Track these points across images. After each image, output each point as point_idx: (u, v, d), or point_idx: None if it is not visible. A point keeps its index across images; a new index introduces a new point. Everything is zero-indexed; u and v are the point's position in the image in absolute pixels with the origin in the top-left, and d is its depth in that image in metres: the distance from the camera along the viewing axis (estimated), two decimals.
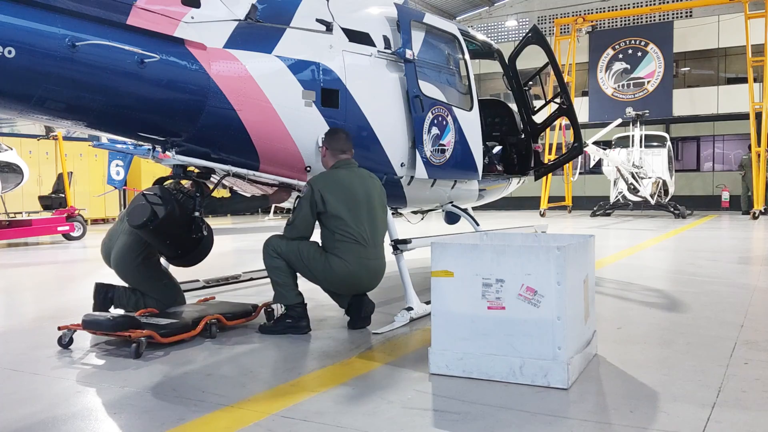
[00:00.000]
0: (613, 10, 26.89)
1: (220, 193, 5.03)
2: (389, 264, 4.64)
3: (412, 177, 5.29)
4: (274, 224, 17.43)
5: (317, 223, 4.40)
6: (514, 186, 7.55)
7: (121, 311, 4.63)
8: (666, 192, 18.77)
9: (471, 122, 5.84)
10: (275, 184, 4.87)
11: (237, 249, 11.02)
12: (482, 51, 6.98)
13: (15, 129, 19.24)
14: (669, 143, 19.08)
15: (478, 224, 6.25)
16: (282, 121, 4.39)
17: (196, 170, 4.69)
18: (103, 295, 4.74)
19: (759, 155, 17.87)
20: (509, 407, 2.81)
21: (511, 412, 2.75)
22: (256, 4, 4.39)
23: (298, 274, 4.43)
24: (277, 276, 4.35)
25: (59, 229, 12.50)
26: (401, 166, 5.19)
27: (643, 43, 24.39)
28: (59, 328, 4.03)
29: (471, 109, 5.91)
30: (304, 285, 4.45)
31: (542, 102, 7.11)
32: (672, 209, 18.07)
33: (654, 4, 27.27)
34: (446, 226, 7.23)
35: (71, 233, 12.72)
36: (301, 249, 4.34)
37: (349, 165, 4.49)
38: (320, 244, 4.39)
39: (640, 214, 19.77)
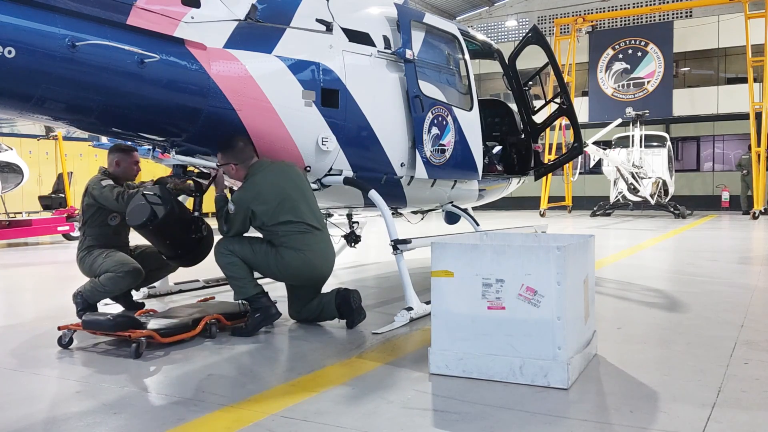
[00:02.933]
0: (613, 10, 26.90)
1: None
2: (389, 264, 4.64)
3: (412, 177, 5.29)
4: None
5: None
6: (514, 186, 7.56)
7: (120, 310, 4.63)
8: (666, 192, 18.77)
9: (471, 122, 5.84)
10: None
11: None
12: (482, 51, 6.98)
13: (15, 129, 19.25)
14: (669, 143, 19.08)
15: (478, 224, 6.25)
16: (282, 121, 4.39)
17: (196, 170, 4.70)
18: (78, 297, 4.74)
19: (759, 155, 17.87)
20: (509, 407, 2.81)
21: (511, 412, 2.75)
22: (256, 4, 4.39)
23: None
24: (233, 272, 4.27)
25: (59, 229, 12.49)
26: (401, 166, 5.19)
27: (643, 43, 24.39)
28: (59, 328, 4.02)
29: (471, 109, 5.92)
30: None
31: (542, 102, 7.11)
32: (672, 209, 18.07)
33: (654, 4, 27.29)
34: (446, 226, 7.23)
35: (71, 233, 12.70)
36: (253, 243, 4.33)
37: (260, 167, 4.33)
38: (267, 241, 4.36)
39: (640, 214, 19.77)
